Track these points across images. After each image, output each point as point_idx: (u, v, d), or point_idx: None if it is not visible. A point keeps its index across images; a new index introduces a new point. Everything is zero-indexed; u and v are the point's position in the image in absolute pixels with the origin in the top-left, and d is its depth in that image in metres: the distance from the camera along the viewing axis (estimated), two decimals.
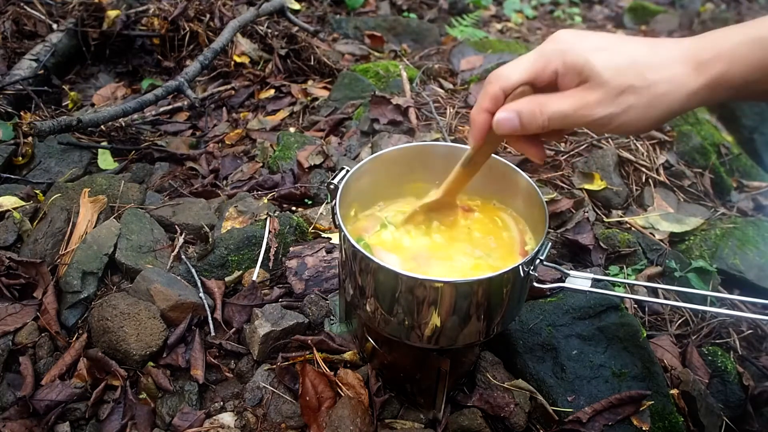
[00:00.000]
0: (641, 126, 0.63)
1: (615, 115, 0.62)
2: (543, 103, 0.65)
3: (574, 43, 0.65)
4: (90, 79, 2.26)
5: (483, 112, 0.70)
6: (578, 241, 1.37)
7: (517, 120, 0.66)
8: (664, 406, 1.03)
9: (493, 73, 0.69)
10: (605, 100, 0.61)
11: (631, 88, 0.61)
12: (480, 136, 0.72)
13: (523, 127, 0.66)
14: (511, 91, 0.68)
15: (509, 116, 0.66)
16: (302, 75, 2.24)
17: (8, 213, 1.34)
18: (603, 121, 0.62)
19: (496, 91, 0.68)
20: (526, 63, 0.67)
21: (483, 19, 3.39)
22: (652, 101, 0.61)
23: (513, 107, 0.67)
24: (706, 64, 0.61)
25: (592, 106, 0.62)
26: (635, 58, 0.62)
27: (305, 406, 1.00)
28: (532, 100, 0.66)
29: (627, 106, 0.61)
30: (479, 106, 0.70)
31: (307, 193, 1.50)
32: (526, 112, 0.66)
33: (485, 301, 0.79)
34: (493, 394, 1.01)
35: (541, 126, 0.65)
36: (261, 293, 1.19)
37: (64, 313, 1.17)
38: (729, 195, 1.72)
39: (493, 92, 0.68)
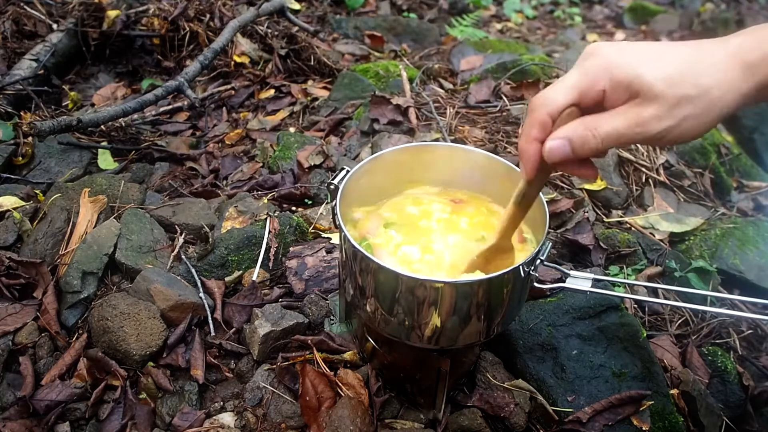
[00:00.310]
0: (696, 134, 0.61)
1: (672, 128, 0.60)
2: (594, 125, 0.62)
3: (618, 57, 0.62)
4: (90, 79, 2.26)
5: (533, 142, 0.66)
6: (578, 241, 1.37)
7: (569, 147, 0.63)
8: (664, 406, 1.03)
9: (536, 98, 0.66)
10: (661, 113, 0.59)
11: (686, 98, 0.59)
12: (533, 167, 0.68)
13: (575, 152, 0.63)
14: (558, 116, 0.64)
15: (561, 144, 0.63)
16: (302, 75, 2.24)
17: (8, 213, 1.34)
18: (659, 135, 0.60)
19: (543, 117, 0.64)
20: (570, 83, 0.64)
21: (483, 19, 3.39)
22: (707, 108, 0.59)
23: (563, 134, 0.63)
24: (755, 66, 0.59)
25: (648, 122, 0.59)
26: (685, 66, 0.59)
27: (305, 406, 1.00)
28: (582, 124, 0.63)
29: (683, 116, 0.59)
30: (527, 135, 0.66)
31: (307, 193, 1.50)
32: (577, 137, 0.62)
33: (485, 302, 0.79)
34: (493, 394, 1.01)
35: (593, 149, 0.62)
36: (261, 293, 1.19)
37: (64, 313, 1.17)
38: (729, 195, 1.72)
39: (540, 119, 0.65)
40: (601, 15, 3.89)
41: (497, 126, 1.74)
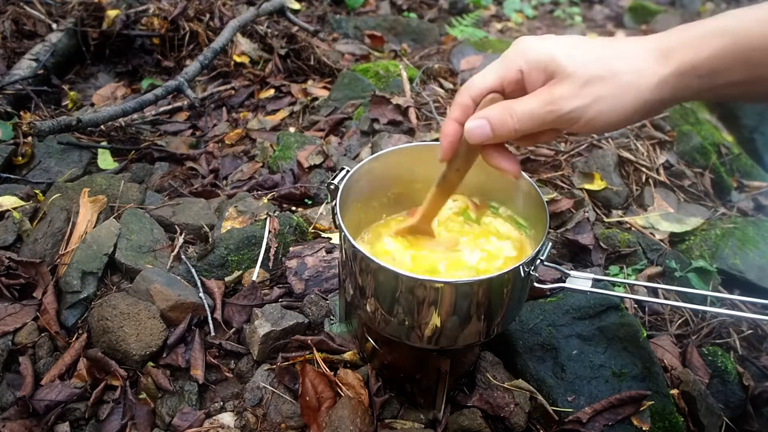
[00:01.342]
0: (613, 119, 0.62)
1: (584, 108, 0.61)
2: (511, 105, 0.65)
3: (536, 44, 0.65)
4: (90, 78, 2.26)
5: (452, 123, 0.69)
6: (578, 241, 1.37)
7: (488, 126, 0.65)
8: (664, 406, 1.03)
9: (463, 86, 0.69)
10: (572, 92, 0.61)
11: (598, 78, 0.60)
12: (451, 147, 0.71)
13: (495, 132, 0.65)
14: (480, 100, 0.68)
15: (479, 123, 0.66)
16: (302, 75, 2.24)
17: (8, 213, 1.34)
18: (573, 114, 0.62)
19: (465, 100, 0.68)
20: (492, 70, 0.68)
21: (483, 19, 3.39)
22: (620, 91, 0.60)
23: (482, 114, 0.66)
24: (672, 52, 0.60)
25: (559, 100, 0.61)
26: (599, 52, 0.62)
27: (305, 406, 1.00)
28: (500, 105, 0.66)
29: (595, 97, 0.61)
30: (449, 118, 0.69)
31: (307, 193, 1.50)
32: (496, 117, 0.65)
33: (485, 302, 0.79)
34: (493, 394, 1.01)
35: (512, 129, 0.65)
36: (261, 293, 1.19)
37: (63, 313, 1.17)
38: (729, 195, 1.72)
39: (462, 102, 0.68)
40: (601, 15, 3.89)
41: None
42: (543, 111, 0.63)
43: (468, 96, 0.68)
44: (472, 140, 0.67)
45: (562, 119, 0.63)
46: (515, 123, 0.64)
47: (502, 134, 0.65)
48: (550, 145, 1.68)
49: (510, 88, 0.67)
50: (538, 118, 0.63)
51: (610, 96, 0.61)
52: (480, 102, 0.68)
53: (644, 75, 0.60)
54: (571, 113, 0.62)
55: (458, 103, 0.69)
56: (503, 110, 0.65)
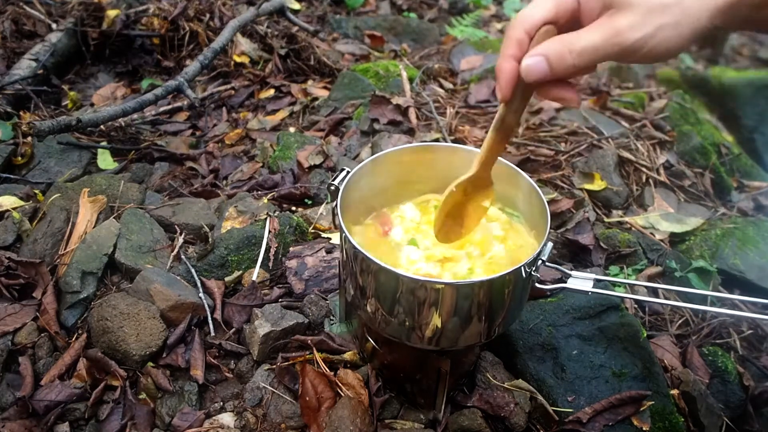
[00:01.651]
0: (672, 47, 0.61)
1: (648, 38, 0.59)
2: (571, 40, 0.61)
3: None
4: (89, 78, 2.26)
5: (509, 60, 0.65)
6: (578, 241, 1.37)
7: (546, 63, 0.62)
8: (664, 406, 1.03)
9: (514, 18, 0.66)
10: (636, 22, 0.59)
11: (660, 5, 0.59)
12: (509, 86, 0.67)
13: (553, 70, 0.62)
14: (534, 33, 0.64)
15: (537, 60, 0.62)
16: (302, 75, 2.24)
17: (8, 213, 1.34)
18: (636, 45, 0.60)
19: (520, 34, 0.64)
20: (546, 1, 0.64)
21: (483, 19, 3.39)
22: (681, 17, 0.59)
23: (539, 50, 0.63)
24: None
25: (624, 32, 0.59)
26: None
27: (305, 406, 1.00)
28: (558, 40, 0.62)
29: (658, 25, 0.59)
30: (504, 54, 0.65)
31: (307, 193, 1.50)
32: (554, 54, 0.62)
33: (486, 303, 0.79)
34: (493, 394, 1.01)
35: (572, 65, 0.62)
36: (261, 293, 1.19)
37: (63, 313, 1.17)
38: (729, 195, 1.72)
39: (516, 36, 0.64)
40: None
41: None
42: (607, 44, 0.60)
43: (522, 29, 0.64)
44: (528, 78, 0.64)
45: (624, 51, 0.60)
46: (575, 59, 0.61)
47: (560, 71, 0.63)
48: (550, 145, 1.68)
49: (565, 18, 0.64)
50: (600, 52, 0.61)
51: (672, 24, 0.59)
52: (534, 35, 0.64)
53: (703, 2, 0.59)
54: (635, 44, 0.60)
55: (512, 38, 0.65)
56: (562, 45, 0.62)
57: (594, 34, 0.61)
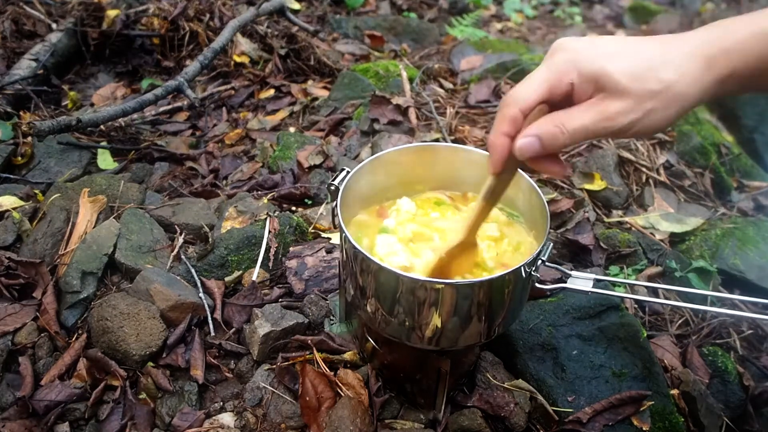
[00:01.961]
0: (659, 127, 0.63)
1: (637, 121, 0.62)
2: (563, 121, 0.63)
3: (585, 51, 0.63)
4: (89, 78, 2.26)
5: (502, 137, 0.67)
6: (578, 241, 1.37)
7: (539, 144, 0.65)
8: (664, 406, 1.03)
9: (508, 95, 0.67)
10: (626, 109, 0.61)
11: (651, 92, 0.60)
12: (501, 161, 0.70)
13: (545, 148, 0.65)
14: (529, 112, 0.66)
15: (531, 142, 0.65)
16: (302, 75, 2.24)
17: (8, 213, 1.34)
18: (624, 128, 0.62)
19: (515, 113, 0.66)
20: (539, 80, 0.66)
21: (483, 19, 3.39)
22: (670, 102, 0.61)
23: (533, 131, 0.65)
24: (715, 61, 0.61)
25: (614, 117, 0.61)
26: (650, 61, 0.61)
27: (305, 406, 1.00)
28: (551, 120, 0.64)
29: (648, 110, 0.61)
30: (498, 130, 0.68)
31: (307, 193, 1.50)
32: (547, 134, 0.64)
33: (486, 303, 0.79)
34: (493, 394, 1.01)
35: (562, 144, 0.64)
36: (261, 293, 1.19)
37: (63, 313, 1.17)
38: (729, 195, 1.72)
39: (511, 115, 0.66)
40: (601, 14, 3.89)
41: None
42: (597, 126, 0.62)
43: (517, 108, 0.66)
44: (522, 157, 0.66)
45: (613, 133, 0.63)
46: (566, 138, 0.64)
47: (552, 149, 0.65)
48: None
49: (558, 98, 0.66)
50: (591, 132, 0.63)
51: (663, 107, 0.61)
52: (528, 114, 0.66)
53: (691, 84, 0.61)
54: (624, 127, 0.62)
55: (507, 117, 0.67)
56: (554, 126, 0.64)
57: (585, 116, 0.63)
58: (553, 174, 0.71)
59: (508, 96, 0.67)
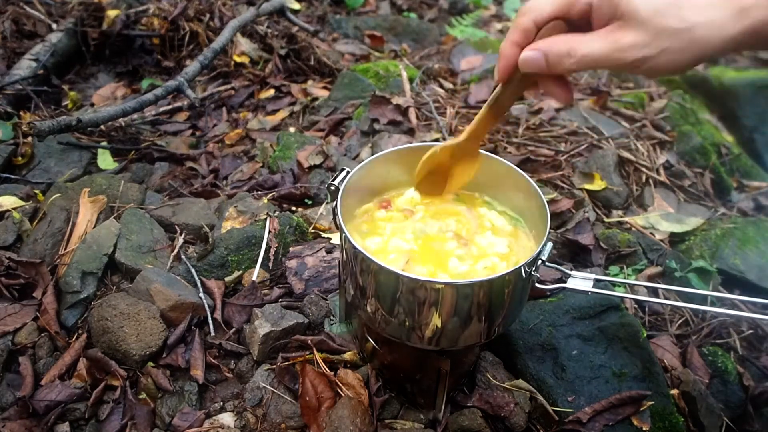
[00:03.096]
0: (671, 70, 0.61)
1: (649, 58, 0.59)
2: (573, 45, 0.61)
3: None
4: (90, 79, 2.26)
5: (512, 46, 0.66)
6: (578, 241, 1.37)
7: (543, 60, 0.63)
8: (664, 406, 1.03)
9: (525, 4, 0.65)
10: (641, 41, 0.58)
11: (669, 29, 0.58)
12: (507, 70, 0.68)
13: (550, 67, 0.63)
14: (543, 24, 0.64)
15: (536, 56, 0.63)
16: (302, 75, 2.24)
17: (8, 213, 1.34)
18: (636, 63, 0.60)
19: (528, 24, 0.64)
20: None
21: (483, 19, 3.39)
22: (688, 45, 0.58)
23: (540, 46, 0.63)
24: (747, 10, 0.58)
25: (627, 49, 0.59)
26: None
27: (305, 406, 1.00)
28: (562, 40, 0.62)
29: (663, 48, 0.58)
30: (509, 38, 0.66)
31: (307, 193, 1.50)
32: (554, 53, 0.62)
33: (486, 303, 0.79)
34: (493, 394, 1.01)
35: (568, 68, 0.62)
36: (261, 293, 1.19)
37: (63, 313, 1.17)
38: (729, 195, 1.72)
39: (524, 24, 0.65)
40: None
41: (497, 126, 1.74)
42: (608, 57, 0.60)
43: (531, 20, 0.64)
44: (524, 69, 0.65)
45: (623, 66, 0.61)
46: (573, 63, 0.62)
47: (557, 70, 0.63)
48: (550, 145, 1.68)
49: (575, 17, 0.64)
50: (600, 62, 0.61)
51: (679, 49, 0.58)
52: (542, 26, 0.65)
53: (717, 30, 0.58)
54: (635, 61, 0.60)
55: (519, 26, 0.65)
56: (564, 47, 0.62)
57: (597, 44, 0.61)
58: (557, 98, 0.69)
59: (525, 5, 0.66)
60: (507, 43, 0.67)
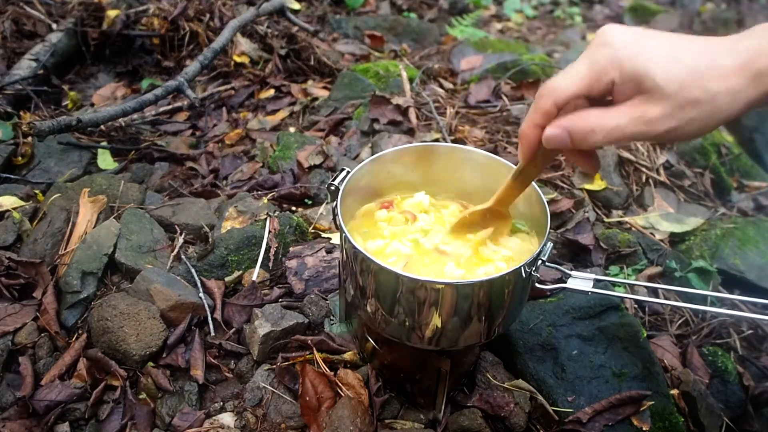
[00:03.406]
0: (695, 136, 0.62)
1: (676, 129, 0.60)
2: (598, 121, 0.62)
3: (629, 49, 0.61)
4: (90, 79, 2.26)
5: (534, 128, 0.67)
6: (578, 241, 1.37)
7: (568, 138, 0.63)
8: (664, 406, 1.03)
9: (545, 86, 0.65)
10: (668, 114, 0.59)
11: (694, 101, 0.59)
12: (530, 152, 0.69)
13: (574, 144, 0.63)
14: (564, 105, 0.65)
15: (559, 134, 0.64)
16: (302, 75, 2.24)
17: (8, 213, 1.34)
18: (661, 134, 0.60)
19: (549, 106, 0.65)
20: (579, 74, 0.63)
21: (483, 19, 3.39)
22: (712, 113, 0.59)
23: (564, 123, 0.63)
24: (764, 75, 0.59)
25: (654, 122, 0.60)
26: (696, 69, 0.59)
27: (305, 406, 1.00)
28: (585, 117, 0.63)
29: (689, 118, 0.59)
30: (530, 121, 0.67)
31: (307, 193, 1.50)
32: (579, 130, 0.62)
33: (486, 303, 0.79)
34: (493, 394, 1.01)
35: (594, 144, 0.63)
36: (261, 293, 1.19)
37: (63, 313, 1.17)
38: (729, 195, 1.72)
39: (545, 107, 0.65)
40: (601, 15, 3.89)
41: (497, 126, 1.74)
42: (635, 129, 0.61)
43: (552, 102, 0.64)
44: (548, 146, 0.66)
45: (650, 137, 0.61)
46: (599, 138, 0.62)
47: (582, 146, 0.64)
48: None
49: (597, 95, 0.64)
50: (627, 135, 0.61)
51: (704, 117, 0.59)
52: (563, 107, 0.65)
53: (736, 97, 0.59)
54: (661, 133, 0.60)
55: (540, 108, 0.65)
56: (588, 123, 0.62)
57: (623, 118, 0.61)
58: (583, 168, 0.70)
59: (545, 86, 0.65)
60: (528, 125, 0.67)
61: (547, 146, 0.66)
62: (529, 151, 0.70)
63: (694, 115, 0.59)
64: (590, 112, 0.63)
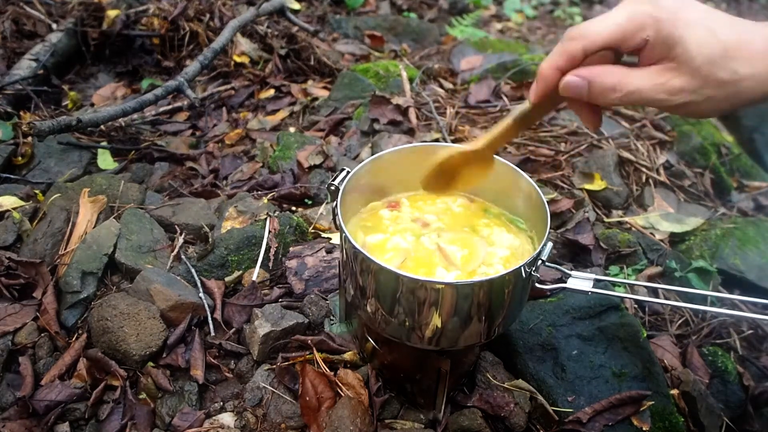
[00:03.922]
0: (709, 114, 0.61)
1: (693, 103, 0.59)
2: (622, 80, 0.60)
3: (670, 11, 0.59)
4: (90, 79, 2.26)
5: (555, 70, 0.64)
6: (578, 242, 1.37)
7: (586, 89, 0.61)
8: (664, 406, 1.03)
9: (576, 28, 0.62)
10: (689, 87, 0.58)
11: (719, 81, 0.58)
12: (545, 94, 0.66)
13: (591, 97, 0.62)
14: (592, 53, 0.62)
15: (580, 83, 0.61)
16: (302, 75, 2.24)
17: (8, 213, 1.34)
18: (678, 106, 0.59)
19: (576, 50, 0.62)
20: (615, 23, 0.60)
21: (483, 19, 3.39)
22: (732, 95, 0.58)
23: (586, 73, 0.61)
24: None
25: (675, 92, 0.59)
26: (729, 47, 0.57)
27: (305, 406, 1.00)
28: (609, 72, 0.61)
29: (708, 96, 0.58)
30: (552, 61, 0.64)
31: (307, 193, 1.50)
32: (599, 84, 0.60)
33: (486, 303, 0.79)
34: (493, 394, 1.01)
35: (610, 101, 0.61)
36: (261, 293, 1.19)
37: (63, 313, 1.17)
38: (729, 195, 1.72)
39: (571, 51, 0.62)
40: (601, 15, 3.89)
41: None
42: (653, 96, 0.59)
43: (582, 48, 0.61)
44: (564, 94, 0.63)
45: (665, 106, 0.60)
46: (617, 97, 0.60)
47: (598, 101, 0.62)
48: (550, 145, 1.68)
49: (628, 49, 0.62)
50: (643, 100, 0.60)
51: (723, 98, 0.59)
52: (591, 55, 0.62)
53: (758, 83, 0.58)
54: (679, 104, 0.59)
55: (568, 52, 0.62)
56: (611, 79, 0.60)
57: (646, 82, 0.60)
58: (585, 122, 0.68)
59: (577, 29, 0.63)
60: (548, 65, 0.64)
61: (562, 93, 0.63)
62: (543, 93, 0.67)
63: (714, 94, 0.58)
64: (614, 68, 0.61)
